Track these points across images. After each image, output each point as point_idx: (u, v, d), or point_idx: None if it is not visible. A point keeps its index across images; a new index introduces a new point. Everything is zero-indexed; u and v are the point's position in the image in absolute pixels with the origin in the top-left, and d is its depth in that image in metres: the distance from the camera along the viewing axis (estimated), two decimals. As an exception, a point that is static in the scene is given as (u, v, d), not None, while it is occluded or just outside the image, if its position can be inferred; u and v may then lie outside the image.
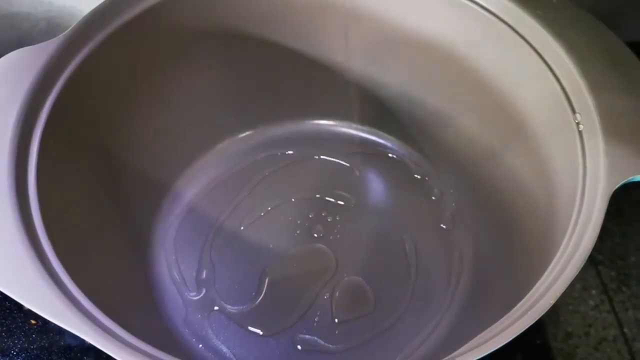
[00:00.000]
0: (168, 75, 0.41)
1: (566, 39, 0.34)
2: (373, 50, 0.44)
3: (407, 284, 0.42)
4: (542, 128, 0.35)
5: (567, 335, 0.44)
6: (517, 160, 0.38)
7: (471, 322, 0.38)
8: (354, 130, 0.49)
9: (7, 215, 0.27)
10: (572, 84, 0.33)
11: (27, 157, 0.30)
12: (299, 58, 0.44)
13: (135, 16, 0.35)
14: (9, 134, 0.30)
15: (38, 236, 0.27)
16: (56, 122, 0.32)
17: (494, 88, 0.38)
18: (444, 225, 0.45)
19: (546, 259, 0.29)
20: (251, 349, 0.39)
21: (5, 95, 0.31)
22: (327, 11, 0.41)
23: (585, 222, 0.28)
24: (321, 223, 0.45)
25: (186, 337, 0.39)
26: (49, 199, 0.29)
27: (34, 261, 0.26)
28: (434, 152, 0.47)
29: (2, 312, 0.43)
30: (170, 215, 0.45)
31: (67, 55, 0.33)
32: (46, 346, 0.42)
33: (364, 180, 0.47)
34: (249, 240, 0.44)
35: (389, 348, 0.39)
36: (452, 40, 0.39)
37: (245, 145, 0.48)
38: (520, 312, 0.26)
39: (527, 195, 0.37)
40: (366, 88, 0.46)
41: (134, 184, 0.41)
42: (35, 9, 0.50)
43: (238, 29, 0.41)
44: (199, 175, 0.46)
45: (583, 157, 0.31)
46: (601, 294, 0.46)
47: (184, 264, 0.43)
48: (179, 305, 0.41)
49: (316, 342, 0.39)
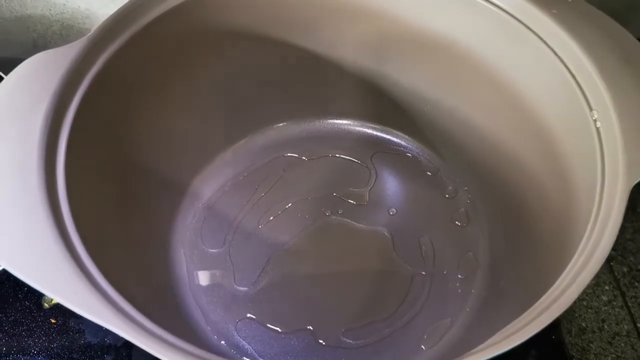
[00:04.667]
0: (186, 77, 0.41)
1: (581, 37, 0.34)
2: (386, 50, 0.44)
3: (424, 280, 0.42)
4: (558, 126, 0.35)
5: (581, 330, 0.45)
6: (532, 158, 0.39)
7: (489, 319, 0.38)
8: (369, 129, 0.50)
9: (39, 213, 0.27)
10: (589, 81, 0.33)
11: (55, 158, 0.30)
12: (313, 58, 0.44)
13: (155, 19, 0.36)
14: (37, 136, 0.30)
15: (69, 234, 0.28)
16: (81, 124, 0.32)
17: (509, 86, 0.39)
18: (458, 222, 0.45)
19: (564, 257, 0.29)
20: (272, 345, 0.40)
21: (32, 98, 0.31)
22: (341, 11, 0.41)
23: (604, 220, 0.28)
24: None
25: (208, 333, 0.40)
26: (77, 198, 0.30)
27: (68, 258, 0.26)
28: (447, 150, 0.48)
29: (22, 311, 0.43)
30: (189, 214, 0.45)
31: (91, 57, 0.34)
32: (66, 345, 0.42)
33: (379, 178, 0.48)
34: (266, 238, 0.44)
35: (407, 344, 0.40)
36: (466, 39, 0.39)
37: (260, 145, 0.49)
38: (540, 310, 0.26)
39: (542, 193, 0.37)
40: (380, 87, 0.47)
41: (154, 183, 0.42)
42: (49, 11, 0.50)
43: (254, 30, 0.41)
44: (216, 174, 0.47)
45: (601, 154, 0.31)
46: (614, 290, 0.47)
47: (203, 263, 0.43)
48: (200, 303, 0.41)
49: (336, 337, 0.40)
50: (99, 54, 0.34)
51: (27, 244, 0.27)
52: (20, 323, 0.43)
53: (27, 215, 0.27)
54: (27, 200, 0.28)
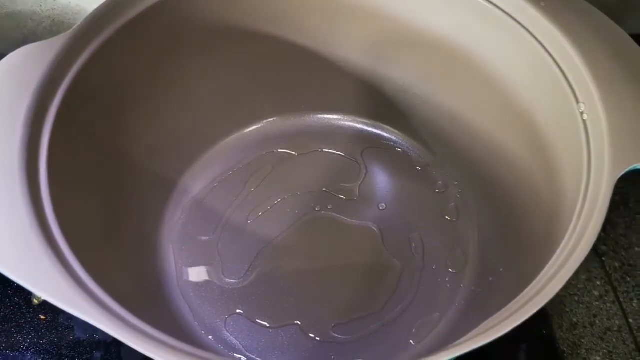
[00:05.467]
0: (174, 71, 0.41)
1: (569, 31, 0.34)
2: (378, 46, 0.44)
3: (413, 275, 0.42)
4: (545, 118, 0.35)
5: (572, 325, 0.45)
6: (521, 152, 0.38)
7: (477, 314, 0.38)
8: (359, 124, 0.50)
9: (21, 209, 0.27)
10: (576, 74, 0.33)
11: (38, 153, 0.30)
12: (302, 53, 0.44)
13: (143, 12, 0.36)
14: (19, 130, 0.30)
15: (51, 229, 0.27)
16: (65, 119, 0.32)
17: (497, 80, 0.38)
18: (448, 216, 0.45)
19: (551, 248, 0.29)
20: (261, 340, 0.39)
21: (14, 92, 0.31)
22: (334, 9, 0.41)
23: (589, 212, 0.28)
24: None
25: (195, 328, 0.40)
26: (60, 193, 0.30)
27: (49, 254, 0.26)
28: (437, 145, 0.48)
29: (12, 307, 0.43)
30: (177, 210, 0.45)
31: (74, 51, 0.33)
32: (55, 341, 0.42)
33: (369, 173, 0.47)
34: (255, 233, 0.44)
35: (396, 339, 0.39)
36: (455, 34, 0.39)
37: (250, 140, 0.49)
38: (524, 301, 0.26)
39: (531, 185, 0.37)
40: (371, 82, 0.46)
41: (141, 178, 0.42)
42: (39, 7, 0.50)
43: (243, 25, 0.41)
44: (205, 170, 0.47)
45: (587, 147, 0.31)
46: (605, 285, 0.46)
47: (192, 258, 0.43)
48: (188, 299, 0.41)
49: (325, 332, 0.40)
50: (84, 48, 0.34)
51: (10, 242, 0.27)
52: (9, 319, 0.43)
53: (9, 213, 0.27)
54: (9, 197, 0.28)
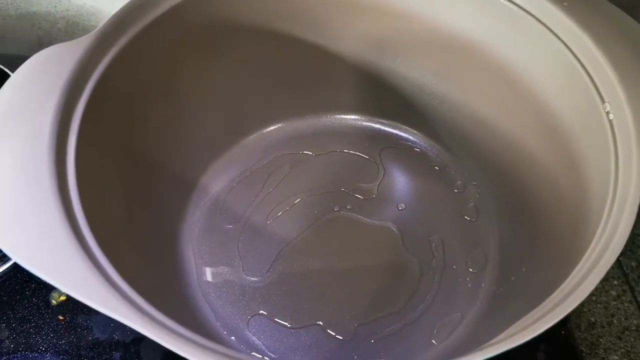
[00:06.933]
0: (196, 71, 0.41)
1: (593, 31, 0.33)
2: (395, 46, 0.44)
3: (433, 275, 0.42)
4: (570, 119, 0.35)
5: (590, 325, 0.45)
6: (543, 152, 0.38)
7: (499, 314, 0.38)
8: (376, 124, 0.50)
9: (52, 210, 0.27)
10: (601, 74, 0.33)
11: (66, 153, 0.30)
12: (321, 53, 0.44)
13: (166, 12, 0.36)
14: (47, 129, 0.30)
15: (81, 229, 0.28)
16: (91, 117, 0.32)
17: (519, 80, 0.38)
18: (467, 216, 0.45)
19: (576, 252, 0.29)
20: (282, 340, 0.39)
21: (42, 92, 0.31)
22: (352, 7, 0.41)
23: (618, 215, 0.28)
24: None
25: (217, 329, 0.40)
26: (88, 192, 0.30)
27: (80, 253, 0.26)
28: (456, 145, 0.48)
29: (30, 308, 0.43)
30: (197, 209, 0.45)
31: (100, 51, 0.33)
32: (74, 341, 0.42)
33: (387, 173, 0.47)
34: (275, 233, 0.44)
35: (417, 339, 0.39)
36: (475, 34, 0.39)
37: (268, 141, 0.49)
38: (551, 306, 0.26)
39: (554, 187, 0.37)
40: (388, 82, 0.46)
41: (162, 177, 0.42)
42: (54, 8, 0.50)
43: (265, 25, 0.41)
44: (225, 170, 0.47)
45: (614, 147, 0.31)
46: (623, 284, 0.46)
47: (212, 258, 0.43)
48: (209, 299, 0.41)
49: (346, 332, 0.40)
50: (109, 47, 0.34)
51: (40, 240, 0.27)
52: (28, 320, 0.43)
53: (39, 212, 0.27)
54: (40, 197, 0.28)
